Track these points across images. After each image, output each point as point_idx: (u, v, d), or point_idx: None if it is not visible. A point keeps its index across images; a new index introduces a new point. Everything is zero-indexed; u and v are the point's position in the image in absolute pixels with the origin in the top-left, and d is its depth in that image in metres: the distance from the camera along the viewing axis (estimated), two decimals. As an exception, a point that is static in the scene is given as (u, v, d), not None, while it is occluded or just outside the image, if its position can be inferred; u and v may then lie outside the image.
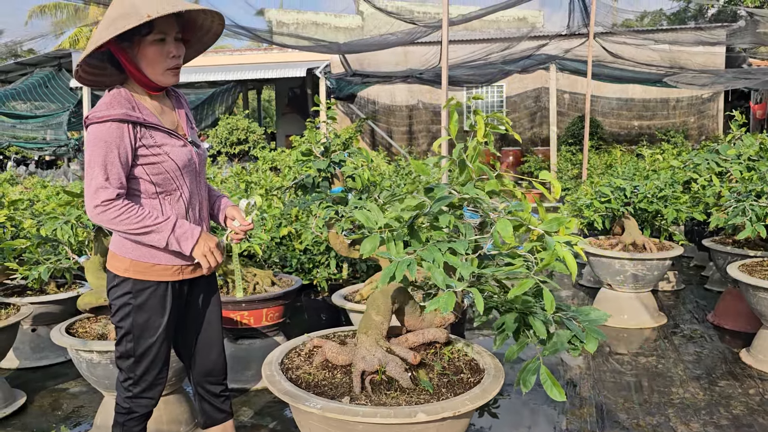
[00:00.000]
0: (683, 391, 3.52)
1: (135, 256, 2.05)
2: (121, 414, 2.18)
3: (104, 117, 1.92)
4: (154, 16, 1.86)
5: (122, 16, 1.89)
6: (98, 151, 1.92)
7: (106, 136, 1.92)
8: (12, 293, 4.03)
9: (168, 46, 1.99)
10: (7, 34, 35.03)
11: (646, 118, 17.04)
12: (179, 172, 2.07)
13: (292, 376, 2.00)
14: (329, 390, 1.89)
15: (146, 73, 2.01)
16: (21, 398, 3.49)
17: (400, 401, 1.80)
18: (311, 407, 1.73)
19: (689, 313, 5.10)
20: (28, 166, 15.78)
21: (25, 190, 7.88)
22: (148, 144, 2.00)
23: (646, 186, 4.85)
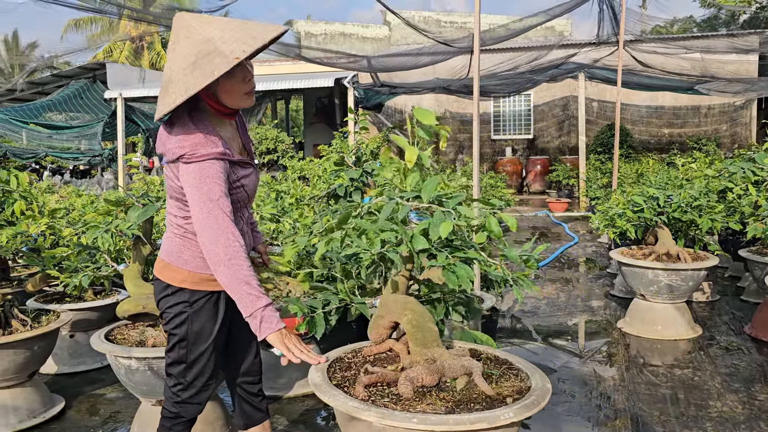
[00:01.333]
0: (721, 404, 3.46)
1: (192, 268, 2.09)
2: (168, 419, 2.22)
3: (207, 155, 1.92)
4: (242, 58, 1.81)
5: (204, 55, 1.83)
6: (207, 185, 1.92)
7: (213, 170, 1.93)
8: (51, 300, 4.13)
9: (243, 71, 1.98)
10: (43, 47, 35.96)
11: (676, 126, 16.80)
12: (248, 200, 2.15)
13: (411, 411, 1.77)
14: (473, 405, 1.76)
15: (224, 102, 2.01)
16: (60, 403, 3.57)
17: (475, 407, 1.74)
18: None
19: (725, 324, 5.00)
20: (63, 176, 16.14)
21: (61, 199, 8.07)
22: (232, 179, 2.03)
23: (680, 195, 4.79)
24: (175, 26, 1.92)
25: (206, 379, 2.20)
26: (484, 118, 17.68)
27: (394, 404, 1.72)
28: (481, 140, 17.54)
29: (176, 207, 2.10)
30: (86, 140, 13.77)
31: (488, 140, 17.91)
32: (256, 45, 1.84)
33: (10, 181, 3.88)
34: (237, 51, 1.80)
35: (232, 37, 1.83)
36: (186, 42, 1.87)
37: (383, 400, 1.76)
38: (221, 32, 1.84)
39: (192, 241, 2.11)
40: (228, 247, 1.91)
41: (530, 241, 2.43)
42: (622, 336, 4.74)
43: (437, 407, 1.71)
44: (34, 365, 3.37)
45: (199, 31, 1.86)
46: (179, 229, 2.12)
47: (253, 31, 1.87)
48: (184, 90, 1.85)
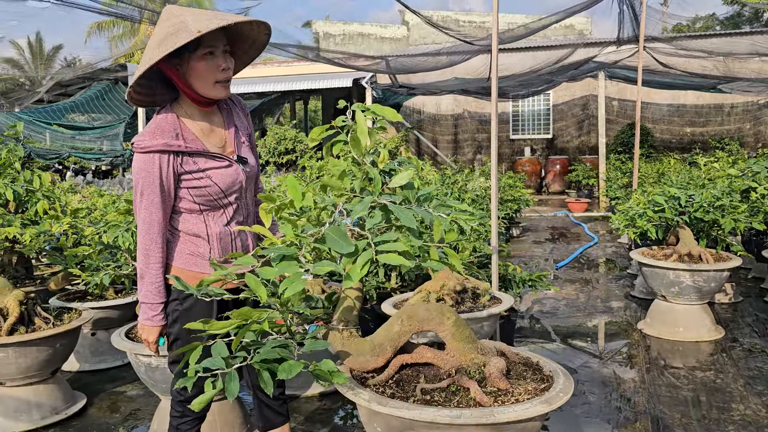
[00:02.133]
0: (744, 407, 3.40)
1: (179, 264, 2.13)
2: (175, 417, 2.24)
3: (147, 148, 2.00)
4: (204, 31, 1.88)
5: (171, 35, 1.91)
6: (142, 182, 2.03)
7: (149, 167, 2.01)
8: (73, 298, 4.19)
9: (217, 59, 2.01)
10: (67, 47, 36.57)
11: (698, 125, 16.57)
12: (222, 194, 2.13)
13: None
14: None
15: (196, 88, 2.04)
16: (81, 400, 3.62)
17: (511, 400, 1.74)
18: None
19: (748, 326, 4.92)
20: (85, 176, 16.36)
21: (83, 199, 8.18)
22: (191, 170, 2.06)
23: (702, 195, 4.72)
24: (161, 17, 2.01)
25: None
26: (503, 117, 17.59)
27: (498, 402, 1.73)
28: (500, 140, 17.45)
29: None
30: (108, 141, 13.95)
31: (507, 140, 17.82)
32: (219, 23, 1.90)
33: (34, 181, 3.93)
34: (200, 26, 1.89)
35: (201, 20, 1.92)
36: (162, 25, 1.97)
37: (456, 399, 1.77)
38: (194, 16, 1.94)
39: (180, 239, 2.14)
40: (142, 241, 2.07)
41: (549, 242, 2.40)
42: (643, 337, 4.69)
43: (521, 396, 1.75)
44: (56, 362, 3.42)
45: (176, 15, 1.96)
46: (169, 226, 2.15)
47: (223, 16, 1.96)
48: (147, 62, 1.93)
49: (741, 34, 15.26)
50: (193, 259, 2.12)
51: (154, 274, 2.08)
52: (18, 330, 3.24)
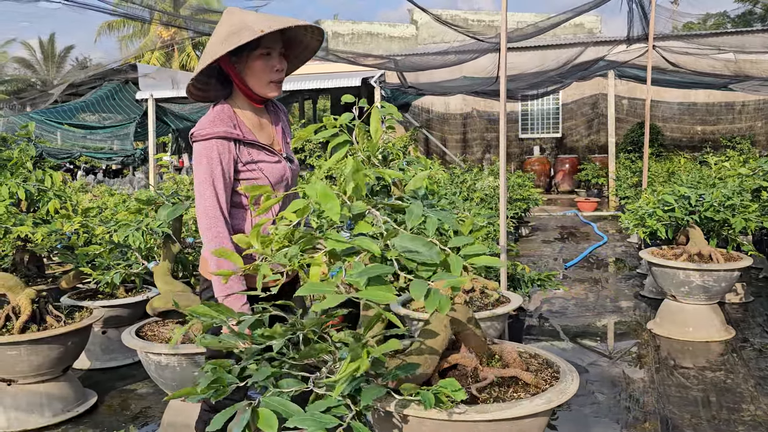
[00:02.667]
0: (755, 407, 3.38)
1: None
2: (207, 411, 2.26)
3: (207, 135, 2.04)
4: (266, 31, 1.96)
5: (234, 33, 1.99)
6: (204, 168, 2.04)
7: (210, 153, 2.04)
8: (84, 297, 4.22)
9: (273, 60, 2.09)
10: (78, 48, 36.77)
11: (709, 123, 16.45)
12: (271, 188, 2.14)
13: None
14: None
15: (251, 86, 2.12)
16: (92, 398, 3.65)
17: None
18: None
19: (759, 326, 4.89)
20: (96, 175, 16.47)
21: (94, 198, 8.24)
22: (245, 160, 2.10)
23: (713, 194, 4.69)
24: (223, 16, 2.10)
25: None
26: (512, 117, 17.55)
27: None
28: (509, 139, 17.41)
29: None
30: (119, 140, 14.01)
31: (516, 139, 17.77)
32: (281, 25, 1.98)
33: (45, 180, 3.97)
34: (264, 26, 1.97)
35: (263, 21, 2.00)
36: (224, 25, 2.05)
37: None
38: (256, 17, 2.02)
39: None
40: (209, 230, 2.03)
41: (558, 241, 2.39)
42: (652, 337, 4.67)
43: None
44: (67, 360, 3.45)
45: (239, 15, 2.05)
46: None
47: (284, 19, 2.03)
48: (210, 57, 2.01)
49: (753, 32, 15.15)
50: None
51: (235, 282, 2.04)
52: (30, 328, 3.27)
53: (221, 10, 9.34)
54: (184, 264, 3.49)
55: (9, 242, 4.05)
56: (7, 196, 3.70)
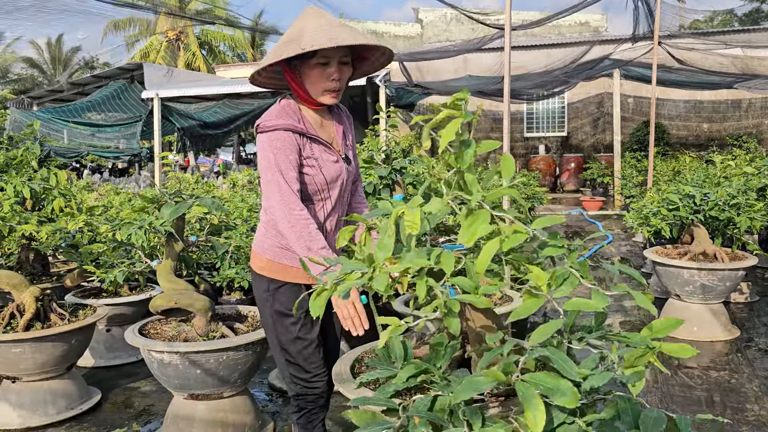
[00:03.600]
0: (759, 408, 3.37)
1: (271, 256, 2.19)
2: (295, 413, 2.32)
3: (274, 126, 2.07)
4: (308, 49, 1.95)
5: (288, 42, 2.01)
6: (273, 158, 2.05)
7: (279, 144, 2.05)
8: (88, 295, 4.24)
9: (330, 68, 2.07)
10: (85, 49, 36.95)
11: (715, 122, 16.37)
12: (326, 186, 2.17)
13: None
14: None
15: (309, 92, 2.13)
16: (96, 395, 3.66)
17: None
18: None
19: (764, 326, 4.86)
20: (102, 174, 16.54)
21: (99, 197, 8.28)
22: (306, 155, 2.12)
23: (717, 193, 4.67)
24: (303, 12, 2.11)
25: (314, 366, 2.23)
26: (517, 116, 17.51)
27: None
28: (514, 138, 17.38)
29: (262, 190, 2.18)
30: (125, 139, 14.08)
31: (521, 138, 17.73)
32: (324, 44, 1.95)
33: (50, 179, 3.99)
34: (307, 44, 1.96)
35: (316, 32, 1.98)
36: (290, 28, 2.08)
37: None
38: (315, 26, 2.00)
39: (273, 230, 2.19)
40: (290, 215, 2.01)
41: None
42: (657, 337, 4.65)
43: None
44: (71, 358, 3.47)
45: (303, 19, 2.06)
46: (264, 216, 2.23)
47: (336, 34, 1.99)
48: (271, 58, 2.06)
49: (760, 30, 15.06)
50: (282, 252, 2.18)
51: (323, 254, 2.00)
52: (34, 326, 3.29)
53: (226, 9, 9.34)
54: (187, 262, 3.50)
55: (14, 240, 4.07)
56: (13, 195, 3.72)
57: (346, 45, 1.99)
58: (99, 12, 30.57)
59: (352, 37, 2.00)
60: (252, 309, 3.34)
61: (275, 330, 2.22)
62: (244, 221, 4.46)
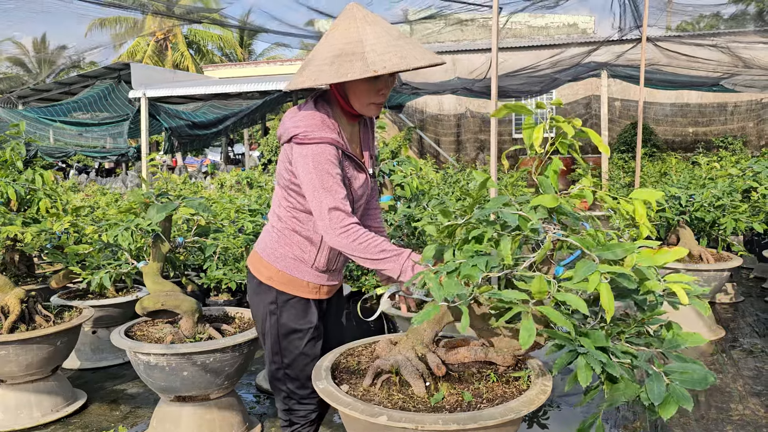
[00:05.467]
0: (743, 407, 3.40)
1: (282, 267, 2.07)
2: (285, 427, 2.21)
3: (319, 138, 1.90)
4: (380, 72, 1.78)
5: (346, 56, 1.81)
6: (321, 171, 1.88)
7: (327, 156, 1.89)
8: (74, 296, 4.21)
9: (379, 83, 1.94)
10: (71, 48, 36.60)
11: (701, 125, 16.53)
12: (353, 201, 2.05)
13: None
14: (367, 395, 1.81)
15: (351, 102, 1.98)
16: (82, 398, 3.64)
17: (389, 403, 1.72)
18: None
19: (749, 326, 4.91)
20: (88, 174, 16.42)
21: (86, 197, 8.21)
22: (343, 174, 1.97)
23: (703, 195, 4.71)
24: (342, 14, 1.92)
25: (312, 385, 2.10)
26: (506, 117, 17.57)
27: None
28: (503, 140, 17.44)
29: (282, 197, 2.05)
30: (112, 138, 14.00)
31: (510, 139, 17.80)
32: (399, 66, 1.78)
33: (35, 179, 3.95)
34: (378, 65, 1.78)
35: (382, 49, 1.80)
36: (341, 33, 1.87)
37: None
38: (376, 38, 1.83)
39: (288, 239, 2.06)
40: (347, 236, 1.86)
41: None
42: (643, 337, 4.68)
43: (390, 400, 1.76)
44: (57, 360, 3.44)
45: (358, 27, 1.85)
46: (279, 223, 2.07)
47: (406, 51, 1.82)
48: (314, 78, 1.85)
49: (746, 33, 15.20)
50: (295, 263, 2.07)
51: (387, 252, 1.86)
52: (19, 328, 3.26)
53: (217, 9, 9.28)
54: (174, 264, 3.48)
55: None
56: (-3, 196, 3.68)
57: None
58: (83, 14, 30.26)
59: (423, 56, 1.83)
60: (239, 310, 3.33)
61: (279, 344, 2.10)
62: (232, 222, 4.44)
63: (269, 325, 2.10)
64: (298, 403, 2.16)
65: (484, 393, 1.80)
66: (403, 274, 1.83)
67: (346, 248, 1.88)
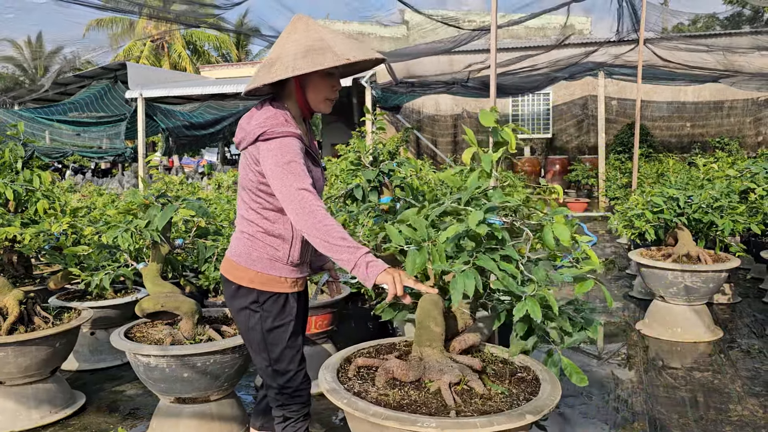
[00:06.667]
0: (741, 408, 3.41)
1: (260, 268, 2.14)
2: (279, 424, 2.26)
3: (285, 132, 2.03)
4: (351, 60, 1.98)
5: (316, 51, 2.00)
6: (288, 160, 1.99)
7: (293, 146, 2.02)
8: (72, 298, 4.20)
9: (334, 79, 2.14)
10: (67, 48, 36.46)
11: (698, 126, 16.57)
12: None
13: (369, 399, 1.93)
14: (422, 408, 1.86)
15: (308, 99, 2.14)
16: (81, 399, 3.63)
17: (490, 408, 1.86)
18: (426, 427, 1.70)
19: (746, 327, 4.93)
20: (84, 175, 16.37)
21: (82, 198, 8.19)
22: (305, 165, 2.08)
23: (701, 196, 4.73)
24: (294, 21, 2.12)
25: (302, 373, 2.22)
26: (503, 118, 17.59)
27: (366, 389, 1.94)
28: (500, 140, 17.44)
29: (249, 200, 2.14)
30: (109, 138, 13.96)
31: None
32: (363, 56, 2.03)
33: (33, 180, 3.94)
34: (348, 54, 2.00)
35: (342, 44, 2.03)
36: (303, 34, 2.06)
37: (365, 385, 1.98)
38: (333, 38, 2.05)
39: (260, 242, 2.15)
40: (313, 215, 1.92)
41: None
42: (641, 338, 4.70)
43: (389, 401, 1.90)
44: (55, 362, 3.43)
45: (316, 30, 2.07)
46: (249, 227, 2.16)
47: (361, 45, 2.09)
48: (291, 69, 2.00)
49: (741, 34, 15.25)
50: (271, 263, 2.15)
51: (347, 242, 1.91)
52: (17, 329, 3.25)
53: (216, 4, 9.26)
54: (174, 265, 3.47)
55: (-4, 243, 4.01)
56: (-5, 197, 3.66)
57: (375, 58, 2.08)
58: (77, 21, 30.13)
59: (374, 53, 2.10)
60: (239, 312, 3.32)
61: (265, 341, 2.17)
62: (231, 224, 4.43)
63: (253, 324, 2.18)
64: (290, 397, 2.22)
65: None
66: (357, 268, 1.88)
67: (311, 228, 1.92)
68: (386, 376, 2.02)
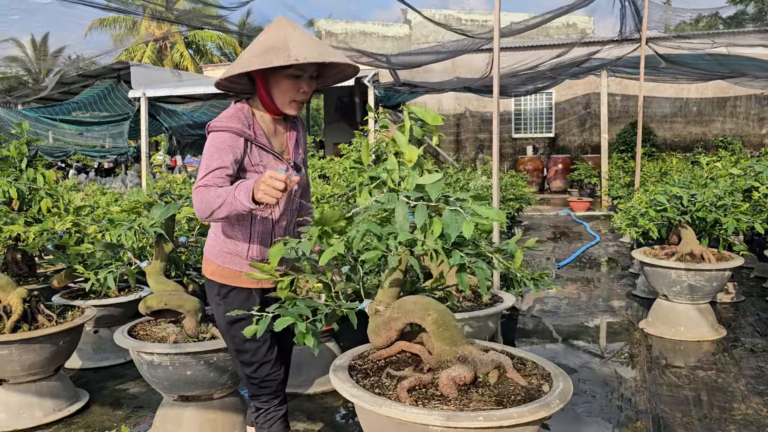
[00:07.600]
0: (745, 407, 3.40)
1: (220, 262, 2.26)
2: (254, 413, 2.37)
3: (223, 128, 2.12)
4: (301, 61, 2.00)
5: (273, 50, 2.03)
6: (208, 154, 2.11)
7: (220, 143, 2.10)
8: (76, 296, 4.20)
9: (301, 82, 2.15)
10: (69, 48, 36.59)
11: (701, 124, 16.54)
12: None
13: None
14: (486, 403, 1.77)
15: (274, 99, 2.18)
16: (84, 398, 3.63)
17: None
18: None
19: (750, 326, 4.92)
20: (88, 174, 16.39)
21: (86, 197, 8.20)
22: (254, 162, 2.18)
23: (704, 194, 4.72)
24: (272, 24, 2.16)
25: (269, 365, 2.30)
26: (505, 116, 17.58)
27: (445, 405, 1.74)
28: (502, 139, 17.44)
29: None
30: (112, 138, 13.98)
31: (509, 139, 17.81)
32: (317, 59, 2.02)
33: (37, 179, 3.95)
34: (300, 55, 2.00)
35: (304, 47, 2.04)
36: (271, 34, 2.10)
37: (432, 402, 1.76)
38: (299, 39, 2.06)
39: (222, 236, 2.26)
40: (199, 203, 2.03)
41: (551, 241, 2.42)
42: (644, 337, 4.69)
43: (487, 403, 1.75)
44: (59, 360, 3.44)
45: (284, 31, 2.09)
46: (215, 223, 2.27)
47: (323, 49, 2.09)
48: (240, 67, 2.07)
49: (745, 33, 15.21)
50: (230, 257, 2.25)
51: (224, 196, 1.99)
52: (21, 327, 3.26)
53: (218, 4, 9.28)
54: (177, 263, 3.48)
55: (0, 241, 4.02)
56: (0, 195, 3.67)
57: (332, 61, 2.07)
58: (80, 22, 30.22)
59: (337, 55, 2.11)
60: (242, 310, 3.33)
61: (229, 333, 2.28)
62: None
63: (218, 315, 2.31)
64: (258, 387, 2.31)
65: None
66: (237, 204, 1.95)
67: (202, 213, 2.03)
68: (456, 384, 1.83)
